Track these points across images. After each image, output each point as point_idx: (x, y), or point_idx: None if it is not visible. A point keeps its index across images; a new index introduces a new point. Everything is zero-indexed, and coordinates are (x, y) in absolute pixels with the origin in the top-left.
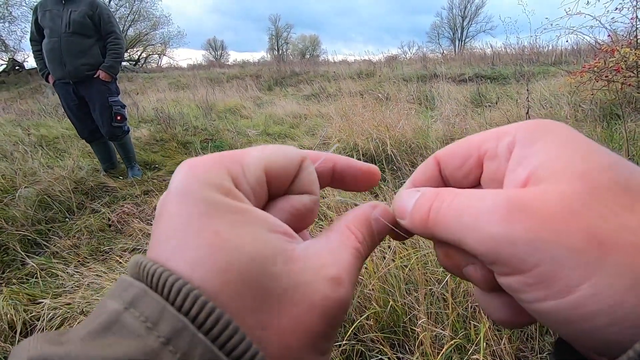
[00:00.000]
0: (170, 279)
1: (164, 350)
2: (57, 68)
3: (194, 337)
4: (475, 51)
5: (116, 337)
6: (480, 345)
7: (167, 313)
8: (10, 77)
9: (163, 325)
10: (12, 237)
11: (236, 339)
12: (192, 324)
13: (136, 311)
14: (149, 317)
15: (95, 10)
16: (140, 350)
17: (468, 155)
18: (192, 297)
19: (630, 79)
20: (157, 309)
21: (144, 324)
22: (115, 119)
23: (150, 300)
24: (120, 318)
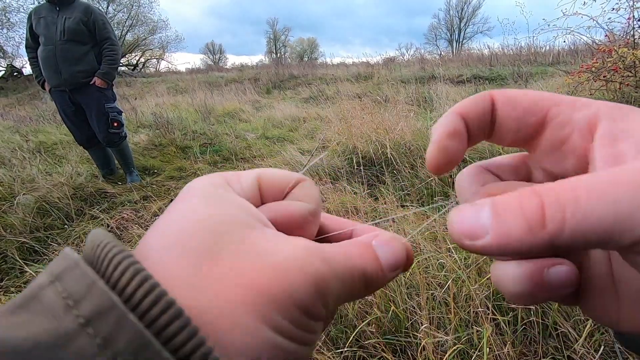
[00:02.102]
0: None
1: (81, 333)
2: (53, 76)
3: (121, 319)
4: (473, 52)
5: (30, 315)
6: (484, 350)
7: (95, 289)
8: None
9: (86, 302)
10: (11, 244)
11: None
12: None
13: (61, 285)
14: (73, 293)
15: (90, 16)
16: (50, 333)
17: (533, 111)
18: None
19: (629, 78)
20: (84, 283)
21: (64, 301)
22: (112, 126)
23: (79, 273)
24: (40, 293)
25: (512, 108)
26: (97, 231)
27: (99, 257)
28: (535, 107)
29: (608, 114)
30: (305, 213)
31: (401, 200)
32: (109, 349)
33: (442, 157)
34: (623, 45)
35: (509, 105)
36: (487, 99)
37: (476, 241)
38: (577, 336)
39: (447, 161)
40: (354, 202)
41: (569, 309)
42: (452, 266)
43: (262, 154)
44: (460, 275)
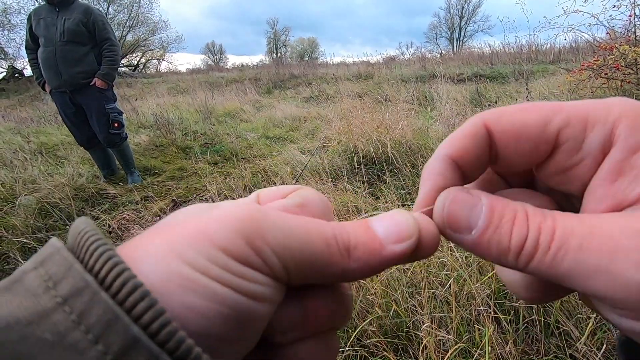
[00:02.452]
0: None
1: (58, 309)
2: (53, 77)
3: (94, 296)
4: (473, 51)
5: (11, 295)
6: (485, 349)
7: (73, 271)
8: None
9: (64, 283)
10: (13, 245)
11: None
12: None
13: (43, 269)
14: (53, 275)
15: (90, 17)
16: (29, 310)
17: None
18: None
19: (630, 76)
20: (63, 267)
21: (45, 283)
22: (113, 126)
23: (59, 258)
24: (23, 277)
25: (516, 140)
26: (79, 220)
27: (79, 244)
28: (543, 134)
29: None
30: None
31: (402, 199)
32: (83, 323)
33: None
34: (624, 43)
35: (512, 138)
36: (480, 132)
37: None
38: (579, 334)
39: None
40: (354, 201)
41: (571, 307)
42: (454, 265)
43: (262, 154)
44: (462, 274)
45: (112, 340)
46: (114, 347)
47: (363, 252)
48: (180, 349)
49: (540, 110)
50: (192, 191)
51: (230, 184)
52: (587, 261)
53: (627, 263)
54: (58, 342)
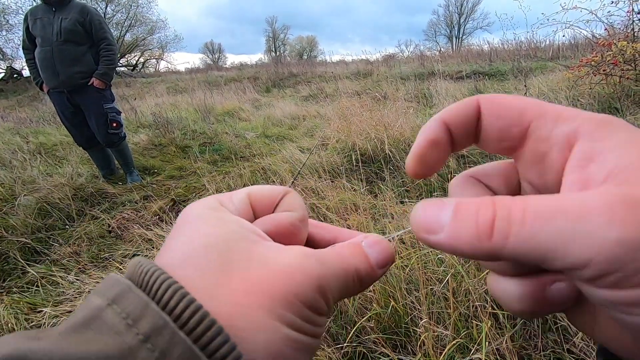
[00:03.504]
0: (161, 277)
1: (142, 347)
2: (51, 77)
3: (174, 335)
4: (472, 48)
5: (94, 333)
6: (483, 345)
7: (150, 310)
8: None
9: (144, 322)
10: (12, 245)
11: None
12: (175, 322)
13: (118, 307)
14: (131, 313)
15: (86, 16)
16: (116, 347)
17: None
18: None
19: (628, 72)
20: (139, 305)
21: (124, 321)
22: (111, 126)
23: (134, 296)
24: (101, 314)
25: (496, 117)
26: (140, 258)
27: (148, 282)
28: (519, 118)
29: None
30: (294, 221)
31: (400, 196)
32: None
33: (420, 165)
34: (623, 39)
35: (494, 115)
36: (473, 105)
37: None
38: (576, 330)
39: (426, 169)
40: (353, 199)
41: None
42: (451, 261)
43: (261, 153)
44: (459, 270)
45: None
46: None
47: (367, 281)
48: None
49: (526, 101)
50: (191, 190)
51: (229, 183)
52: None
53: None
54: None
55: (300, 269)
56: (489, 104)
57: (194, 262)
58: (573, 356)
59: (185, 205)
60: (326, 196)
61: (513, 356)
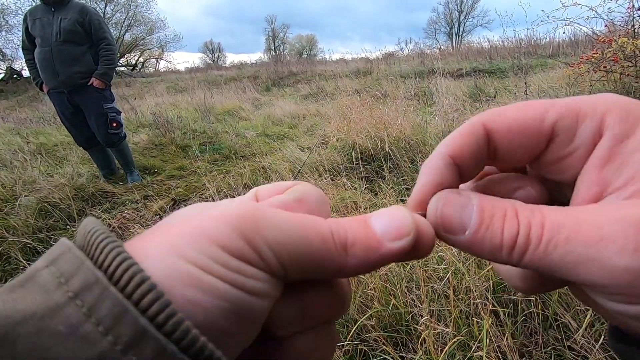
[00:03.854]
0: (101, 237)
1: (70, 303)
2: (51, 77)
3: (104, 291)
4: (472, 45)
5: (24, 291)
6: (484, 342)
7: (84, 267)
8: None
9: (75, 279)
10: (14, 246)
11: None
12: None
13: (54, 267)
14: (64, 272)
15: (86, 16)
16: (43, 305)
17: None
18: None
19: (629, 68)
20: (74, 264)
21: (57, 280)
22: (111, 126)
23: (71, 256)
24: (36, 274)
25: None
26: (88, 219)
27: (88, 242)
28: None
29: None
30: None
31: (401, 194)
32: (93, 316)
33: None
34: (623, 35)
35: (511, 134)
36: (479, 131)
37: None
38: (577, 327)
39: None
40: (353, 197)
41: (569, 299)
42: (452, 259)
43: (262, 152)
44: (460, 268)
45: (121, 332)
46: (123, 338)
47: (360, 249)
48: (187, 339)
49: (535, 107)
50: (191, 190)
51: (229, 182)
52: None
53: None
54: (71, 333)
55: (227, 212)
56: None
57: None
58: (574, 353)
59: (185, 204)
60: (326, 194)
61: (514, 353)
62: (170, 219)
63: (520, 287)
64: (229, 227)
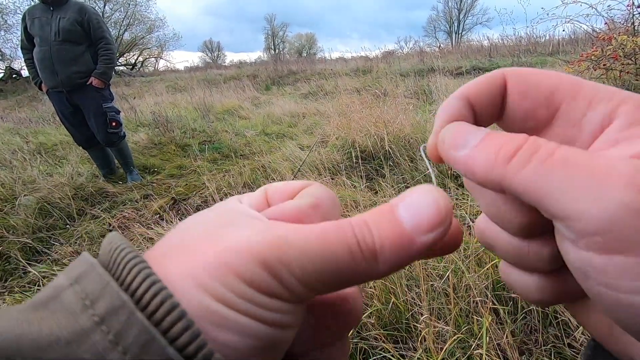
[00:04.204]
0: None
1: (96, 329)
2: (50, 77)
3: (131, 316)
4: (472, 44)
5: (49, 313)
6: (484, 340)
7: (109, 289)
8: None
9: (101, 302)
10: (13, 245)
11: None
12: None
13: (79, 287)
14: (90, 293)
15: (85, 15)
16: (68, 329)
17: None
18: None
19: (629, 66)
20: (100, 285)
21: (82, 301)
22: (111, 125)
23: (96, 275)
24: (60, 294)
25: (523, 97)
26: (112, 235)
27: (115, 260)
28: (548, 100)
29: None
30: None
31: (400, 193)
32: (120, 344)
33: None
34: (623, 33)
35: (521, 94)
36: (498, 80)
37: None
38: (577, 324)
39: None
40: (353, 196)
41: None
42: (452, 257)
43: (261, 151)
44: (460, 266)
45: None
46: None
47: (391, 253)
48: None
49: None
50: (191, 189)
51: (229, 181)
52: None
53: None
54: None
55: (246, 239)
56: (516, 81)
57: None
58: (574, 350)
59: (185, 204)
60: None
61: (514, 351)
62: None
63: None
64: (256, 261)
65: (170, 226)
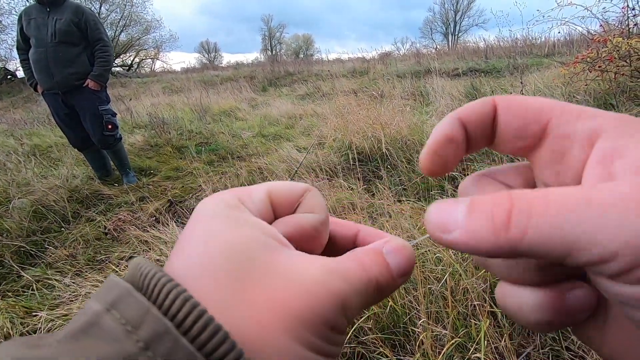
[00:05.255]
0: (162, 280)
1: (142, 355)
2: (46, 79)
3: (176, 343)
4: (468, 45)
5: (93, 340)
6: (482, 344)
7: (150, 315)
8: (2, 87)
9: (144, 328)
10: (7, 249)
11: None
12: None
13: (117, 313)
14: (130, 319)
15: (81, 16)
16: (115, 355)
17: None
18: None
19: (624, 68)
20: (140, 311)
21: (123, 327)
22: (107, 128)
23: (134, 301)
24: (99, 320)
25: (513, 115)
26: (140, 260)
27: (149, 285)
28: (537, 116)
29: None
30: (316, 224)
31: (398, 195)
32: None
33: (435, 162)
34: (618, 35)
35: (510, 113)
36: (489, 104)
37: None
38: None
39: (441, 167)
40: (350, 198)
41: None
42: (449, 260)
43: (258, 152)
44: (457, 269)
45: None
46: None
47: (387, 290)
48: None
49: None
50: (187, 191)
51: (226, 183)
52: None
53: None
54: None
55: (324, 287)
56: (506, 103)
57: (209, 271)
58: (571, 354)
59: (181, 206)
60: (323, 196)
61: (512, 355)
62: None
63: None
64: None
65: (166, 229)
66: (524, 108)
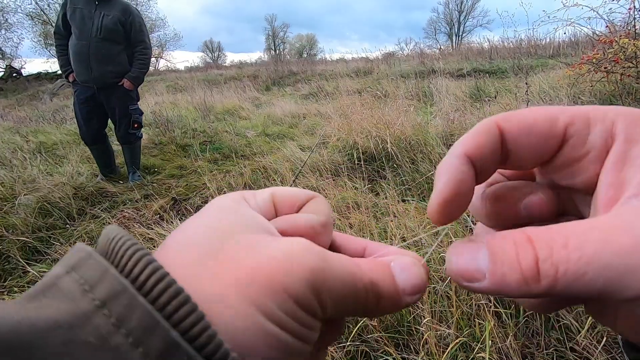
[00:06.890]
0: (127, 243)
1: (97, 313)
2: (84, 72)
3: (132, 300)
4: (472, 46)
5: (48, 300)
6: (486, 343)
7: (108, 275)
8: (8, 84)
9: (100, 287)
10: (13, 245)
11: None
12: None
13: (76, 274)
14: (88, 280)
15: (129, 17)
16: (69, 313)
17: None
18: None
19: (630, 69)
20: (98, 271)
21: (81, 287)
22: (132, 127)
23: (93, 263)
24: (57, 282)
25: (527, 135)
26: (111, 227)
27: (113, 249)
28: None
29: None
30: (314, 223)
31: (402, 194)
32: (123, 327)
33: (446, 213)
34: (624, 36)
35: (523, 134)
36: (494, 130)
37: (474, 283)
38: (579, 328)
39: (452, 215)
40: (354, 197)
41: None
42: None
43: (262, 151)
44: None
45: (152, 345)
46: (153, 352)
47: (388, 302)
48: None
49: (546, 110)
50: (191, 189)
51: (230, 182)
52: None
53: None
54: (101, 345)
55: (296, 260)
56: (514, 125)
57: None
58: (576, 354)
59: (186, 204)
60: (327, 195)
61: (516, 355)
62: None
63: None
64: (305, 282)
65: (171, 226)
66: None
